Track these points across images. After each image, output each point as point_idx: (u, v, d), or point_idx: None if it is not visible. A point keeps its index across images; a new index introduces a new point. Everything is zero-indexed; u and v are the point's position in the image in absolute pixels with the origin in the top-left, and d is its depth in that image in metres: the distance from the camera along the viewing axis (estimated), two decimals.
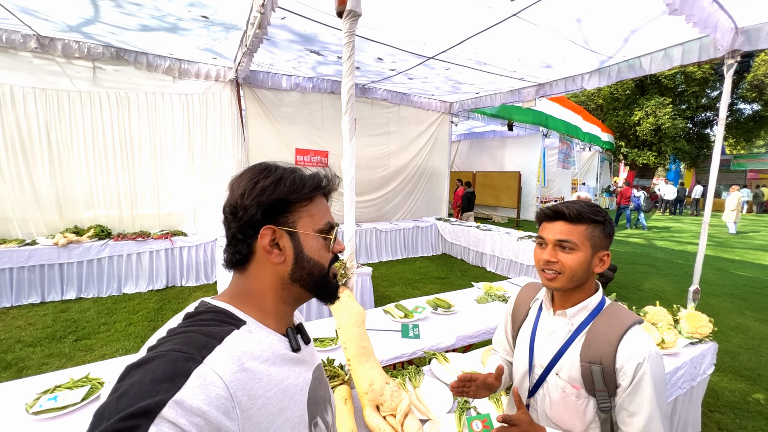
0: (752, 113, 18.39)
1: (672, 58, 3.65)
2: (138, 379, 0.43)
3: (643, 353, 0.85)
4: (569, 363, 0.93)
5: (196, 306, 0.60)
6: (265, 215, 0.61)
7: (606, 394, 0.88)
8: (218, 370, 0.47)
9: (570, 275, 0.92)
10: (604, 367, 0.87)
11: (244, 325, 0.57)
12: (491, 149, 12.57)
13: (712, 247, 8.79)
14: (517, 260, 5.62)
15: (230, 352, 0.51)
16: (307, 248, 0.64)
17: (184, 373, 0.44)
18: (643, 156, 19.04)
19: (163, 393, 0.41)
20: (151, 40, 4.00)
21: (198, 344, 0.49)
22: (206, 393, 0.44)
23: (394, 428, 1.24)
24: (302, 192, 0.62)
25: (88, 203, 4.73)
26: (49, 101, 4.36)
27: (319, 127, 6.05)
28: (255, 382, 0.52)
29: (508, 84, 5.52)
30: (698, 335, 2.07)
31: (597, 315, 0.95)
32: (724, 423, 2.47)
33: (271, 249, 0.61)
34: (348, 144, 1.40)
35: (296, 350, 0.63)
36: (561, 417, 0.94)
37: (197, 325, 0.53)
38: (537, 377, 1.01)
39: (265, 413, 0.51)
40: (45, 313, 3.79)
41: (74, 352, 3.08)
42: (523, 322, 1.13)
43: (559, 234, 0.93)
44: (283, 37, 3.85)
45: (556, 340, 0.98)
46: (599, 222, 0.93)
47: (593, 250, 0.92)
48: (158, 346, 0.48)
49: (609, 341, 0.88)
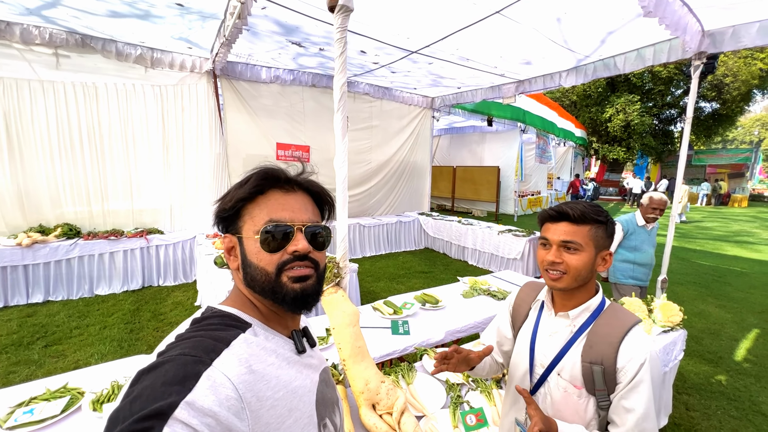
0: (711, 111, 19.52)
1: (644, 59, 3.81)
2: (150, 383, 0.44)
3: (645, 354, 0.88)
4: (571, 363, 0.95)
5: (203, 311, 0.61)
6: (224, 225, 0.64)
7: (605, 393, 0.90)
8: (227, 372, 0.48)
9: (575, 275, 0.93)
10: (606, 367, 0.89)
11: (249, 328, 0.58)
12: (471, 144, 12.76)
13: (676, 238, 9.33)
14: (498, 254, 5.76)
15: (238, 355, 0.51)
16: (249, 253, 0.62)
17: (194, 375, 0.45)
18: (614, 151, 19.86)
19: (175, 395, 0.42)
20: (121, 27, 3.78)
21: (206, 348, 0.50)
22: (216, 394, 0.45)
23: (391, 426, 1.26)
24: (236, 197, 0.62)
25: (54, 200, 4.44)
26: (7, 90, 4.04)
27: (300, 121, 5.94)
28: (263, 383, 0.52)
29: (489, 80, 5.60)
30: (670, 323, 2.20)
31: (598, 316, 0.97)
32: (691, 404, 2.65)
33: (229, 256, 0.65)
34: (340, 142, 1.38)
35: (301, 352, 0.64)
36: (562, 415, 0.96)
37: (205, 330, 0.55)
38: (538, 377, 1.03)
39: (274, 414, 0.52)
40: (9, 318, 3.56)
41: (44, 359, 2.91)
42: (523, 322, 1.13)
43: (564, 235, 0.94)
44: (263, 28, 3.73)
45: (558, 340, 1.00)
46: (602, 222, 0.94)
47: (597, 250, 0.94)
48: (168, 351, 0.50)
49: (610, 342, 0.90)
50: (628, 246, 3.02)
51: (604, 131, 19.77)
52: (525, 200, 12.58)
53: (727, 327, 4.03)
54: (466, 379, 1.62)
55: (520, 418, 1.07)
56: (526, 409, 0.88)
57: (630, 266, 3.03)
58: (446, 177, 12.48)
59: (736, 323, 4.13)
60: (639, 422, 0.86)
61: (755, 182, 21.60)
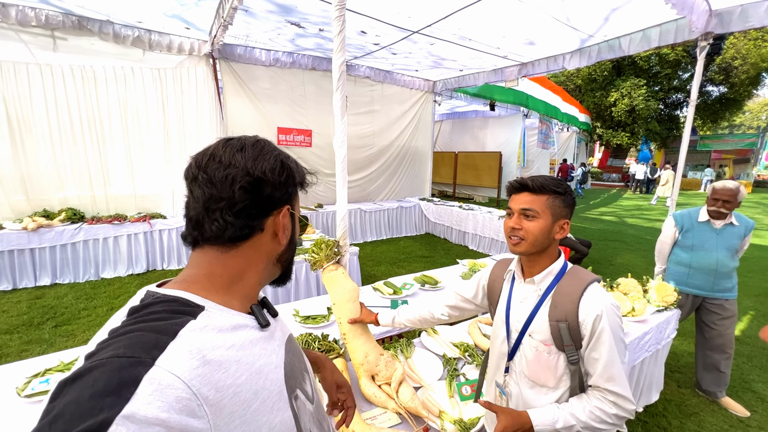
0: (719, 95, 19.18)
1: (650, 39, 3.74)
2: (75, 397, 0.36)
3: (601, 306, 0.96)
4: (539, 324, 1.04)
5: (142, 297, 0.52)
6: (281, 196, 0.61)
7: (573, 347, 0.99)
8: (174, 370, 0.41)
9: (532, 240, 1.03)
10: (569, 323, 0.98)
11: (202, 311, 0.51)
12: (473, 129, 12.63)
13: None
14: (498, 238, 5.80)
15: (187, 347, 0.45)
16: (296, 232, 0.68)
17: (133, 381, 0.38)
18: (618, 137, 19.65)
19: (108, 409, 0.35)
20: (111, 3, 3.66)
21: (146, 344, 0.42)
22: (163, 399, 0.39)
23: (389, 395, 1.31)
24: (304, 179, 0.66)
25: (57, 184, 4.48)
26: (5, 74, 4.02)
27: (301, 105, 5.90)
28: (221, 372, 0.47)
29: (492, 62, 5.51)
30: (664, 303, 2.24)
31: (560, 278, 1.05)
32: (682, 381, 2.73)
33: (284, 228, 0.62)
34: (339, 122, 1.39)
35: (265, 326, 0.59)
36: (536, 373, 1.05)
37: (144, 321, 0.46)
38: (514, 341, 1.11)
39: (237, 401, 0.48)
40: (18, 300, 3.65)
41: (55, 338, 3.00)
42: (499, 296, 1.21)
43: (523, 203, 1.04)
44: (261, 8, 3.67)
45: (528, 305, 1.08)
46: (560, 193, 1.03)
47: (554, 218, 1.03)
48: (97, 353, 0.41)
49: (572, 299, 0.99)
50: (684, 245, 2.50)
51: (609, 116, 19.52)
52: None
53: None
54: (462, 353, 1.68)
55: (500, 381, 1.16)
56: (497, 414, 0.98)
57: (684, 270, 2.50)
58: (448, 163, 12.42)
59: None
60: (606, 368, 0.95)
61: (761, 168, 21.34)
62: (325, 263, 1.47)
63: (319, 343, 1.57)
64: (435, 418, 1.26)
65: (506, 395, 1.14)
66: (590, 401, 0.97)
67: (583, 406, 0.97)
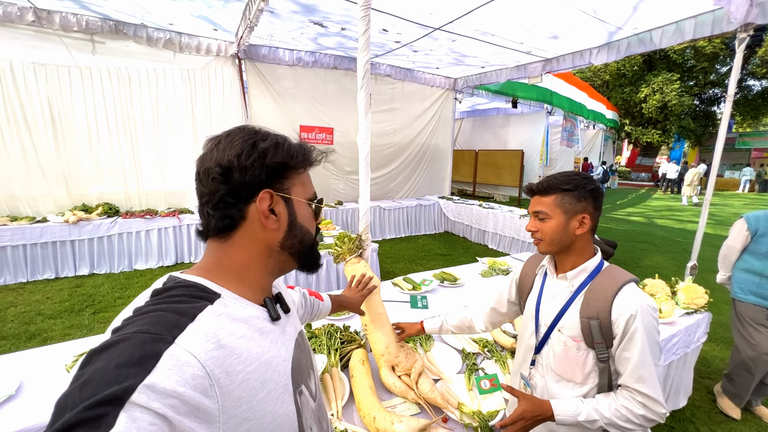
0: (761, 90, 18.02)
1: (684, 32, 3.57)
2: (103, 365, 0.39)
3: (635, 306, 0.95)
4: (570, 320, 1.04)
5: (165, 281, 0.57)
6: (266, 178, 0.59)
7: (604, 345, 0.99)
8: (192, 350, 0.44)
9: (549, 240, 1.06)
10: (601, 321, 0.98)
11: (218, 299, 0.54)
12: (494, 127, 12.42)
13: (711, 225, 8.87)
14: (518, 238, 5.71)
15: (204, 330, 0.48)
16: (300, 216, 0.64)
17: (154, 355, 0.41)
18: (648, 134, 18.82)
19: (132, 378, 0.38)
20: (144, 3, 3.82)
21: (168, 323, 0.46)
22: (180, 374, 0.42)
23: (409, 386, 1.34)
24: (297, 159, 0.63)
25: (95, 179, 4.76)
26: (50, 76, 4.31)
27: (323, 103, 6.00)
28: (234, 358, 0.49)
29: (514, 58, 5.41)
30: (694, 306, 2.16)
31: (595, 276, 1.05)
32: (713, 388, 2.62)
33: (268, 214, 0.60)
34: (363, 120, 1.43)
35: (276, 319, 0.61)
36: (563, 368, 1.06)
37: (166, 302, 0.50)
38: (542, 335, 1.12)
39: (245, 388, 0.50)
40: (61, 288, 3.91)
41: (94, 324, 3.21)
42: (530, 291, 1.23)
43: (535, 206, 1.08)
44: (285, 8, 3.76)
45: (559, 300, 1.09)
46: (568, 189, 1.03)
47: (566, 215, 1.03)
48: (123, 328, 0.45)
49: (605, 298, 0.99)
50: (757, 252, 2.23)
51: (638, 113, 18.72)
52: None
53: None
54: (482, 348, 1.68)
55: (525, 373, 1.18)
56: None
57: (755, 279, 2.23)
58: (468, 161, 12.28)
59: None
60: (636, 369, 0.94)
61: None
62: (348, 256, 1.52)
63: (340, 333, 1.62)
64: (453, 409, 1.28)
65: (531, 387, 1.15)
66: (617, 399, 0.97)
67: (609, 403, 0.96)
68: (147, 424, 0.37)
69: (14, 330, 3.03)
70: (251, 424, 0.50)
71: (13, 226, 3.96)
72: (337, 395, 1.32)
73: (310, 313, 1.12)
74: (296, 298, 1.03)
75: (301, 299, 1.07)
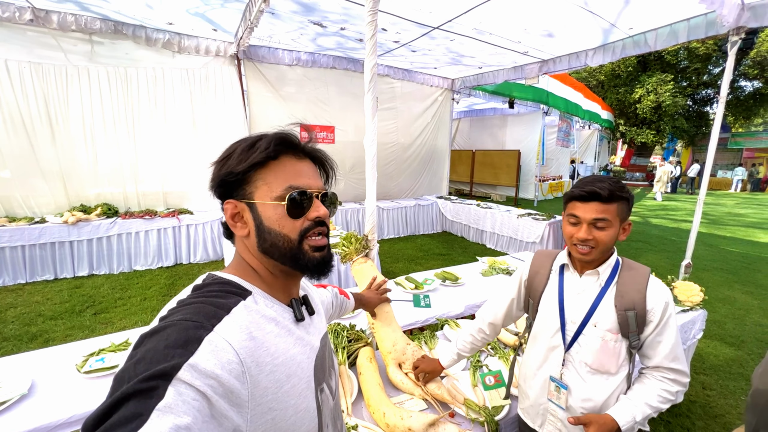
0: (753, 91, 18.25)
1: (677, 35, 3.64)
2: (153, 346, 0.45)
3: (667, 295, 1.06)
4: (604, 313, 1.07)
5: (204, 278, 0.62)
6: (225, 190, 0.63)
7: (636, 334, 1.05)
8: (228, 338, 0.49)
9: (603, 249, 1.06)
10: (638, 311, 1.04)
11: (250, 295, 0.59)
12: (492, 128, 12.50)
13: (705, 224, 9.00)
14: (516, 237, 5.77)
15: (238, 322, 0.53)
16: (266, 218, 0.61)
17: (196, 339, 0.46)
18: (642, 134, 19.00)
19: (178, 357, 0.43)
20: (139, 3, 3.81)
21: (207, 314, 0.51)
22: (218, 358, 0.46)
23: (416, 383, 1.38)
24: (248, 161, 0.60)
25: (93, 180, 4.73)
26: (46, 76, 4.28)
27: (324, 102, 6.01)
28: (263, 350, 0.54)
29: (512, 59, 5.47)
30: (689, 303, 2.22)
31: (618, 269, 1.10)
32: (708, 383, 2.68)
33: (234, 223, 0.63)
34: (370, 122, 1.46)
35: (300, 320, 0.65)
36: (600, 361, 1.08)
37: (205, 296, 0.56)
38: (572, 333, 1.12)
39: (272, 379, 0.53)
40: (60, 289, 3.90)
41: (95, 325, 3.21)
42: (544, 287, 1.20)
43: (596, 213, 1.03)
44: (285, 8, 3.77)
45: (587, 297, 1.11)
46: (626, 198, 1.06)
47: (621, 222, 1.07)
48: (169, 316, 0.51)
49: (638, 289, 1.05)
50: None
51: (633, 113, 18.88)
52: (546, 185, 12.33)
53: (753, 313, 3.96)
54: (485, 346, 1.72)
55: (555, 374, 1.15)
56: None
57: None
58: (465, 161, 12.34)
59: (763, 309, 4.05)
60: (673, 349, 1.03)
61: None
62: (355, 256, 1.55)
63: (347, 332, 1.65)
64: (460, 404, 1.31)
65: (566, 388, 1.12)
66: (655, 385, 1.04)
67: (650, 392, 1.04)
68: (191, 399, 0.42)
69: (15, 331, 3.02)
70: (275, 414, 0.53)
71: (12, 227, 3.94)
72: (345, 392, 1.35)
73: (339, 311, 1.17)
74: (327, 298, 1.07)
75: (333, 299, 1.12)
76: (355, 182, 6.54)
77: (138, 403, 0.39)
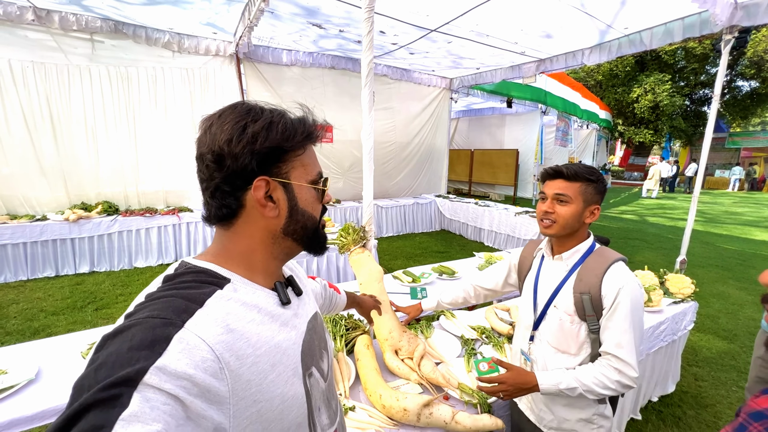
0: (750, 90, 18.36)
1: (672, 34, 3.69)
2: (116, 349, 0.41)
3: (623, 281, 1.05)
4: (564, 296, 1.14)
5: (176, 267, 0.57)
6: (259, 165, 0.56)
7: (595, 318, 1.09)
8: (201, 334, 0.45)
9: (563, 223, 1.12)
10: (592, 295, 1.08)
11: (228, 283, 0.55)
12: (490, 127, 12.55)
13: (701, 222, 9.07)
14: (514, 234, 5.81)
15: (213, 315, 0.49)
16: (301, 200, 0.61)
17: (164, 339, 0.42)
18: (640, 134, 19.09)
19: (143, 360, 0.40)
20: (154, 14, 3.94)
21: (177, 309, 0.47)
22: (190, 357, 0.43)
23: (412, 368, 1.42)
24: (295, 140, 0.58)
25: (93, 178, 4.78)
26: (49, 75, 4.32)
27: (321, 103, 6.04)
28: (243, 341, 0.50)
29: (509, 59, 5.52)
30: (681, 295, 2.27)
31: (587, 256, 1.15)
32: (700, 375, 2.73)
33: (265, 202, 0.58)
34: (367, 116, 1.51)
35: (286, 303, 0.61)
36: (559, 340, 1.15)
37: (176, 288, 0.51)
38: (540, 312, 1.21)
39: (255, 371, 0.50)
40: (62, 286, 3.94)
41: (97, 320, 3.24)
42: (527, 272, 1.33)
43: (557, 189, 1.12)
44: (286, 10, 3.82)
45: (555, 280, 1.19)
46: (592, 181, 1.11)
47: (585, 204, 1.11)
48: (135, 314, 0.46)
49: (596, 274, 1.09)
50: None
51: (631, 113, 18.97)
52: None
53: (747, 308, 4.01)
54: (480, 335, 1.77)
55: (525, 348, 1.27)
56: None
57: None
58: (464, 160, 12.39)
59: (756, 304, 4.10)
60: (616, 335, 1.04)
61: None
62: (353, 246, 1.59)
63: (345, 321, 1.69)
64: (454, 388, 1.36)
65: (531, 361, 1.24)
66: (596, 368, 1.07)
67: (588, 371, 1.06)
68: (160, 404, 0.39)
69: (18, 326, 3.06)
70: (261, 406, 0.51)
71: (14, 224, 3.98)
72: (344, 377, 1.39)
73: (329, 304, 1.12)
74: (317, 288, 1.03)
75: (322, 290, 1.07)
76: (353, 181, 6.58)
77: (99, 414, 0.35)
